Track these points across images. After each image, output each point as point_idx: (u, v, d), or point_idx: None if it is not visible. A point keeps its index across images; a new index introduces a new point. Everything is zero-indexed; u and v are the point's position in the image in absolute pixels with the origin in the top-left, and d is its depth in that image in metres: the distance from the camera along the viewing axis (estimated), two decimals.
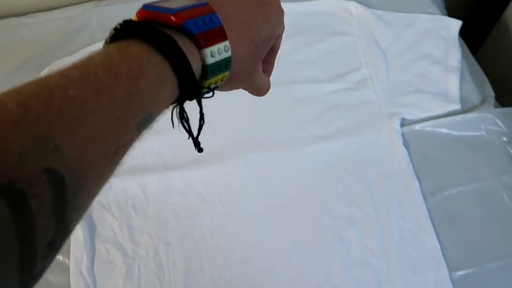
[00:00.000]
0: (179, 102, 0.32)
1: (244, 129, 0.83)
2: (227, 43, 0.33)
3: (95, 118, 0.24)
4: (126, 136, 0.27)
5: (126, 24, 0.30)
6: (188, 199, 0.80)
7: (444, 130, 0.83)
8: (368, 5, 0.92)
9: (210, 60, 0.31)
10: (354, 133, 0.83)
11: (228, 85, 0.37)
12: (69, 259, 0.76)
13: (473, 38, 1.02)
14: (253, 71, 0.38)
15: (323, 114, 0.84)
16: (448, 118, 0.83)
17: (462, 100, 0.85)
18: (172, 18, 0.30)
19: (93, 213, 0.80)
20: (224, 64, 0.33)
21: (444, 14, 0.94)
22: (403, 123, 0.84)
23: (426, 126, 0.83)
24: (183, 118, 0.33)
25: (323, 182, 0.80)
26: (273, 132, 0.83)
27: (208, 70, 0.31)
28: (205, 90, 0.33)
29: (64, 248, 0.75)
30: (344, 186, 0.79)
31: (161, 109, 0.30)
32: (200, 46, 0.31)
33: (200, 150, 0.36)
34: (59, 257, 0.78)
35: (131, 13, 1.03)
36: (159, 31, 0.29)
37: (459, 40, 0.89)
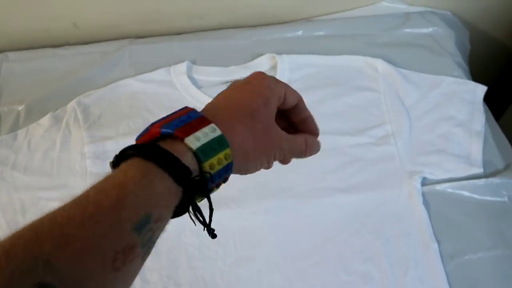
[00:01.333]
0: (188, 196, 0.32)
1: (264, 174, 0.83)
2: (212, 125, 0.34)
3: (84, 229, 0.26)
4: (124, 241, 0.27)
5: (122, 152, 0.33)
6: (202, 240, 0.79)
7: (466, 193, 0.82)
8: (395, 64, 0.94)
9: (196, 144, 0.32)
10: (374, 188, 0.82)
11: (247, 161, 0.37)
12: None
13: (496, 105, 1.03)
14: (267, 139, 0.39)
15: (344, 167, 0.84)
16: (470, 181, 0.83)
17: (485, 165, 0.84)
18: (151, 130, 0.34)
19: None
20: (217, 142, 0.33)
21: (469, 79, 0.95)
22: (424, 182, 0.83)
23: (447, 187, 0.83)
24: (196, 210, 0.34)
25: (339, 236, 0.78)
26: (293, 180, 0.83)
27: (199, 152, 0.32)
28: (212, 174, 0.33)
29: None
30: (361, 242, 0.78)
31: (163, 208, 0.30)
32: (181, 139, 0.32)
33: (213, 236, 0.37)
34: None
35: (163, 53, 1.06)
36: (137, 144, 0.33)
37: (483, 105, 0.90)
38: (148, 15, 1.00)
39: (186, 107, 0.36)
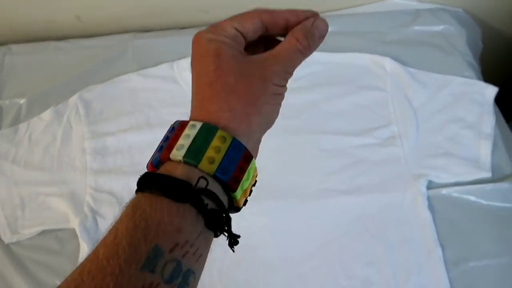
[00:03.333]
0: (201, 206, 0.29)
1: (266, 175, 0.81)
2: (190, 123, 0.31)
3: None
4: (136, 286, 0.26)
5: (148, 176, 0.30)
6: None
7: (472, 198, 0.80)
8: (403, 63, 0.91)
9: (181, 153, 0.30)
10: (378, 190, 0.80)
11: (252, 118, 0.32)
12: None
13: (507, 107, 1.00)
14: (249, 82, 0.32)
15: (348, 168, 0.82)
16: (477, 186, 0.80)
17: (493, 169, 0.82)
18: (149, 168, 0.32)
19: None
20: (202, 134, 0.30)
21: (479, 79, 0.92)
22: (430, 186, 0.81)
23: (454, 192, 0.80)
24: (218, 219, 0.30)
25: (341, 239, 0.77)
26: (295, 180, 0.81)
27: (188, 158, 0.29)
28: (216, 167, 0.30)
29: None
30: (363, 246, 0.76)
31: (173, 233, 0.27)
32: (168, 158, 0.30)
33: (235, 243, 0.33)
34: None
35: (167, 47, 1.04)
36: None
37: (493, 107, 0.87)
38: (152, 8, 0.99)
39: (175, 121, 0.33)
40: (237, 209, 0.32)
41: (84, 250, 0.76)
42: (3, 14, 0.97)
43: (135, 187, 0.30)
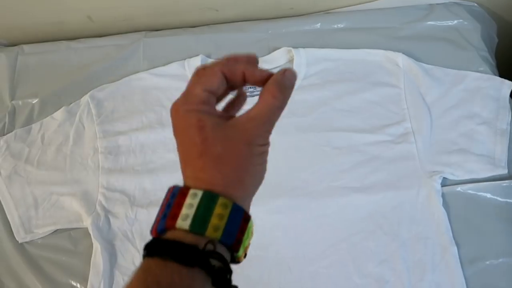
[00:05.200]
0: (210, 270, 0.31)
1: (278, 173, 0.81)
2: (191, 191, 0.32)
3: None
4: None
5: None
6: None
7: (488, 195, 0.78)
8: (417, 59, 0.90)
9: (187, 223, 0.31)
10: (391, 188, 0.79)
11: (244, 180, 0.34)
12: (86, 287, 0.75)
13: None
14: (234, 146, 0.34)
15: (360, 166, 0.81)
16: (493, 183, 0.79)
17: (509, 165, 0.80)
18: (153, 235, 0.33)
19: (116, 242, 0.78)
20: (203, 204, 0.32)
21: (495, 74, 0.90)
22: (444, 183, 0.80)
23: (469, 189, 0.79)
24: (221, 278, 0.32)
25: (354, 237, 0.76)
26: (307, 178, 0.81)
27: (194, 228, 0.31)
28: (221, 233, 0.31)
29: (82, 275, 0.74)
30: (376, 244, 0.75)
31: None
32: (175, 227, 0.31)
33: None
34: (77, 284, 0.77)
35: (178, 46, 1.04)
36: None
37: (509, 102, 0.86)
38: (163, 7, 0.99)
39: (170, 187, 0.34)
40: (238, 262, 0.34)
41: (97, 249, 0.77)
42: (15, 16, 0.98)
43: (147, 186, 0.32)
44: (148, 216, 0.79)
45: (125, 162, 0.85)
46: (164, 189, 0.83)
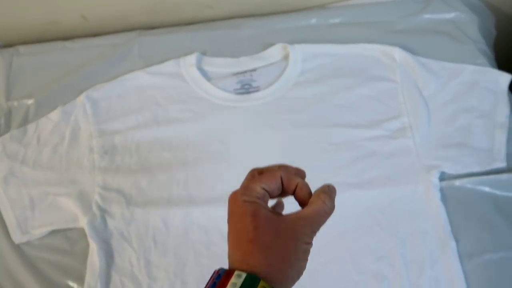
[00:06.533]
0: None
1: None
2: (236, 273, 0.35)
3: None
4: None
5: None
6: (210, 237, 0.77)
7: (487, 189, 0.78)
8: (414, 53, 0.89)
9: None
10: (389, 183, 0.79)
11: (286, 271, 0.37)
12: (83, 287, 0.75)
13: None
14: (285, 241, 0.37)
15: (357, 161, 0.81)
16: (492, 176, 0.78)
17: (508, 159, 0.79)
18: None
19: (112, 242, 0.78)
20: (247, 285, 0.34)
21: (493, 67, 0.89)
22: (442, 177, 0.79)
23: (467, 183, 0.78)
24: None
25: (352, 233, 0.75)
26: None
27: None
28: None
29: (79, 275, 0.74)
30: (375, 240, 0.75)
31: None
32: None
33: None
34: (74, 284, 0.76)
35: (173, 44, 1.04)
36: None
37: (508, 95, 0.85)
38: (157, 5, 0.98)
39: (217, 269, 0.37)
40: None
41: (94, 249, 0.76)
42: (9, 17, 0.98)
43: (143, 185, 0.33)
44: (145, 216, 0.79)
45: (121, 161, 0.84)
46: (160, 188, 0.83)
